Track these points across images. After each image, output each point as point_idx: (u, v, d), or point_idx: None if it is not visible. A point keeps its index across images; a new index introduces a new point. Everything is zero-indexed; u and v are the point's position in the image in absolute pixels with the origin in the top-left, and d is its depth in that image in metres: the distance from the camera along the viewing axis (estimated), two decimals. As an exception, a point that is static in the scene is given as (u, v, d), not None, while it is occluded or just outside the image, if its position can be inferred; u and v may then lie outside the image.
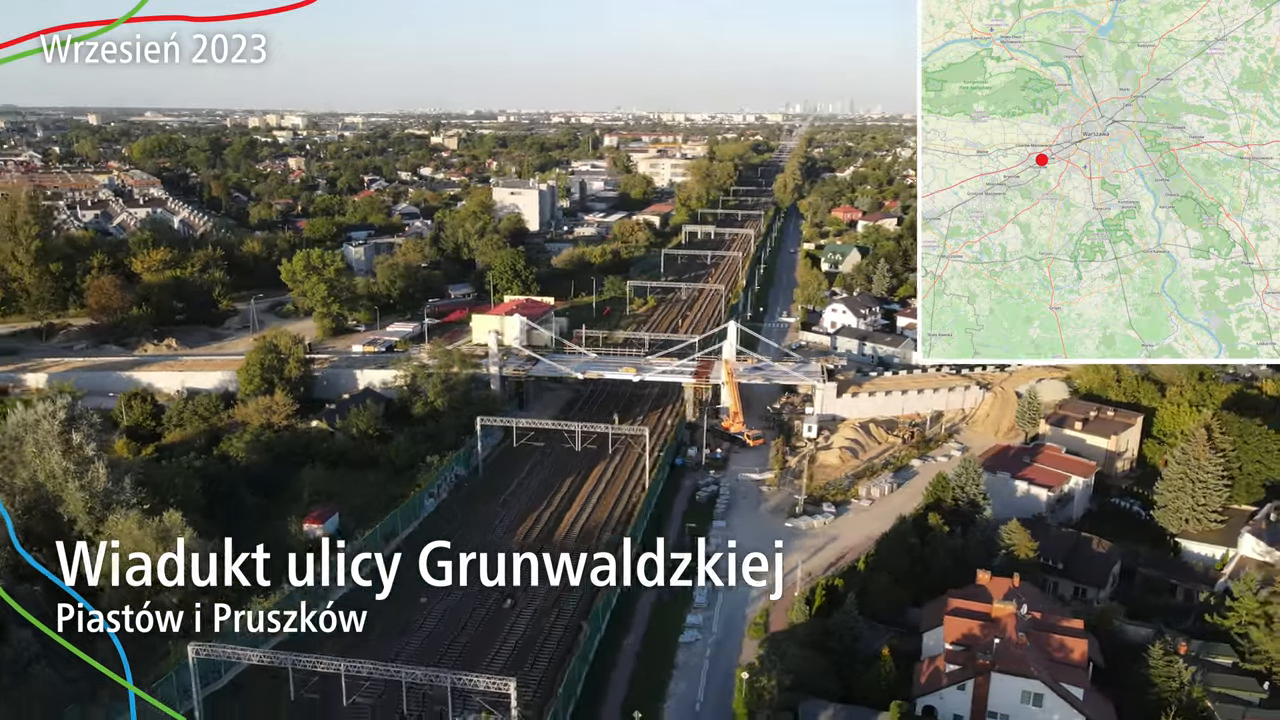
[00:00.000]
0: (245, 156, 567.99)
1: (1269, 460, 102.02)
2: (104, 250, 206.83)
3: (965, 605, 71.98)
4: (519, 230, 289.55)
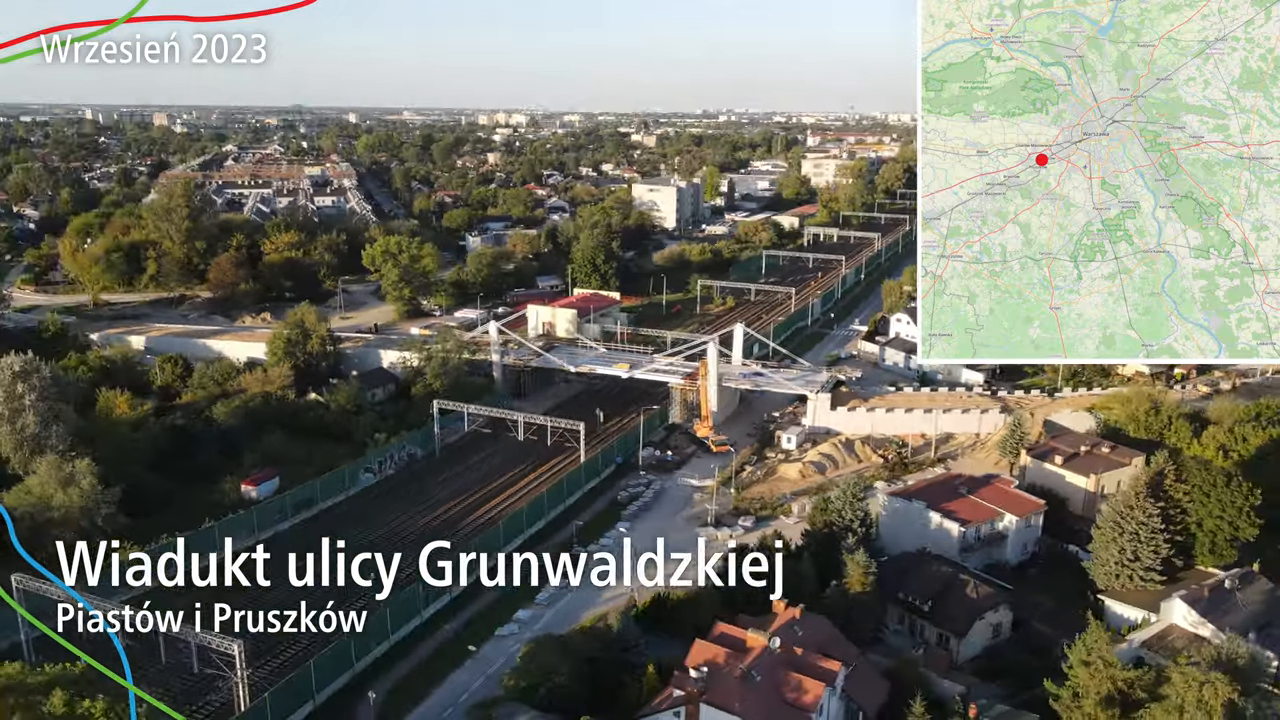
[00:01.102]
0: (450, 152, 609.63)
1: (1234, 517, 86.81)
2: (244, 233, 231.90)
3: (730, 631, 68.00)
4: (642, 227, 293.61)
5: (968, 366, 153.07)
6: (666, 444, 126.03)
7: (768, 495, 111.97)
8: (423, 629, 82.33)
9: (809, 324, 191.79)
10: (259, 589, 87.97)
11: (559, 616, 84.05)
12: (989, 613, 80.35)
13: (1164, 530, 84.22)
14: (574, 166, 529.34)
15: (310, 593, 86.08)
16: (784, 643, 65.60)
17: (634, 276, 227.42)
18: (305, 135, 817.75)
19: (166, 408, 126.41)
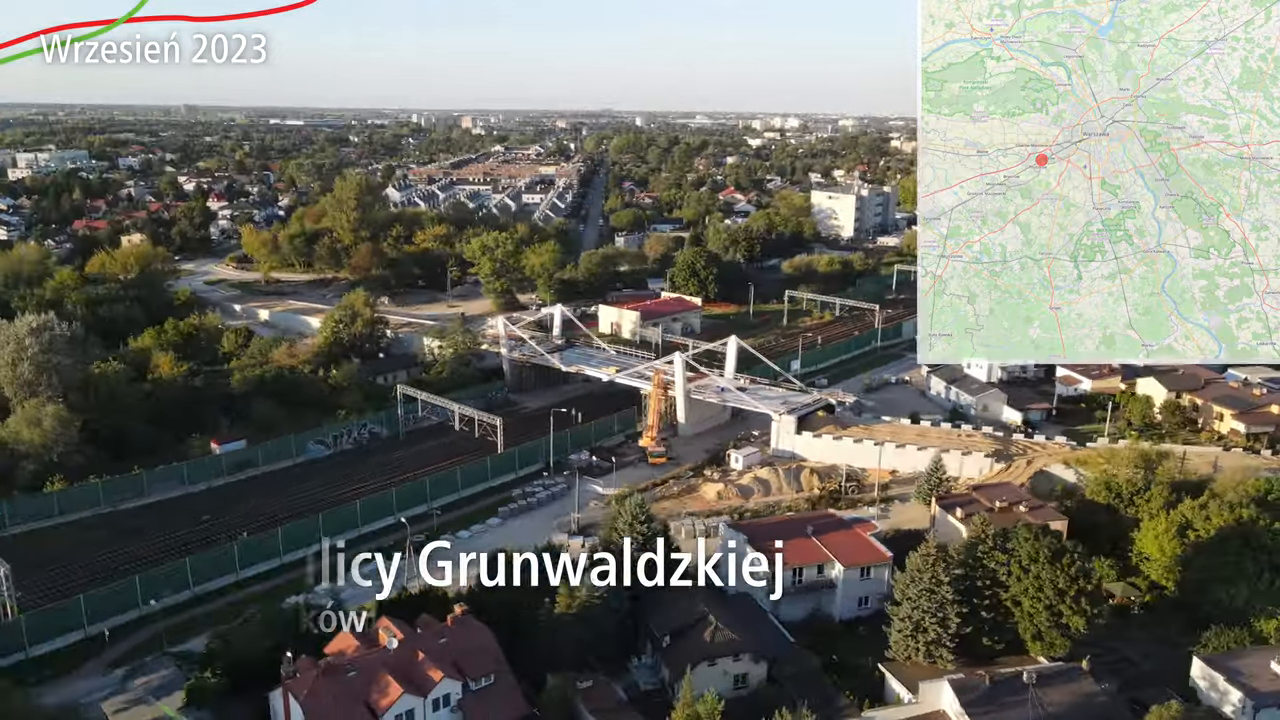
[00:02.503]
0: (693, 155, 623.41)
1: (1053, 599, 72.26)
2: (402, 224, 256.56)
3: (387, 625, 69.50)
4: (798, 234, 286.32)
5: (1009, 405, 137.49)
6: (612, 450, 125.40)
7: (670, 511, 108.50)
8: (233, 588, 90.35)
9: (877, 345, 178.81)
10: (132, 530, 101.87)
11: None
12: (726, 660, 74.08)
13: (959, 602, 72.81)
14: (802, 173, 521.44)
15: (164, 543, 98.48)
16: (407, 645, 65.95)
17: (759, 284, 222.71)
18: (576, 136, 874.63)
19: (201, 370, 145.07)
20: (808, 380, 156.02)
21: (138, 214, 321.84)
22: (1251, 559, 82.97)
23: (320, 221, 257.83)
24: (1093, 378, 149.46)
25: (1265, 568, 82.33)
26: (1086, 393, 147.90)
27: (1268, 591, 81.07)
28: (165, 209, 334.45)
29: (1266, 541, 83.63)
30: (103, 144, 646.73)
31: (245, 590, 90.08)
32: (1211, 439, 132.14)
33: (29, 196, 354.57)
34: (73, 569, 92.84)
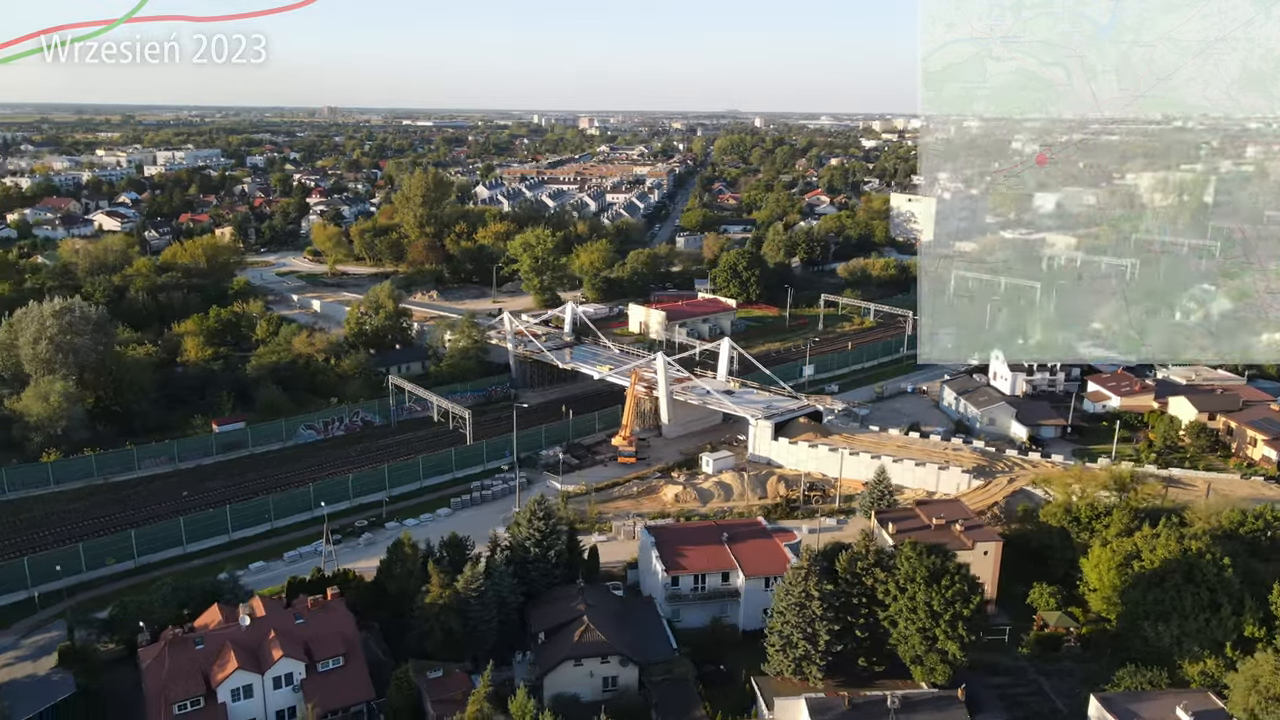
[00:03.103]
0: (797, 156, 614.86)
1: (926, 624, 67.89)
2: (466, 221, 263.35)
3: (254, 604, 72.28)
4: (867, 237, 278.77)
5: (1018, 420, 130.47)
6: (590, 447, 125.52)
7: (622, 511, 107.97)
8: (180, 559, 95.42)
9: (904, 352, 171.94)
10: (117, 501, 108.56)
11: (259, 583, 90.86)
12: (594, 661, 73.28)
13: (832, 619, 69.79)
14: (904, 175, 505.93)
15: (143, 514, 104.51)
16: (263, 623, 68.32)
17: (816, 287, 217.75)
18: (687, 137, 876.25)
19: (227, 355, 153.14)
20: (816, 387, 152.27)
21: (240, 208, 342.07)
22: (1192, 595, 76.10)
23: (393, 218, 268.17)
24: (1122, 394, 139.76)
25: (1205, 605, 75.38)
26: (1114, 410, 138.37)
27: (1201, 631, 74.20)
28: (267, 204, 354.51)
29: (1210, 577, 76.53)
30: (239, 143, 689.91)
31: (190, 563, 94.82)
32: (1240, 466, 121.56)
33: (153, 191, 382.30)
34: (50, 534, 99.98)
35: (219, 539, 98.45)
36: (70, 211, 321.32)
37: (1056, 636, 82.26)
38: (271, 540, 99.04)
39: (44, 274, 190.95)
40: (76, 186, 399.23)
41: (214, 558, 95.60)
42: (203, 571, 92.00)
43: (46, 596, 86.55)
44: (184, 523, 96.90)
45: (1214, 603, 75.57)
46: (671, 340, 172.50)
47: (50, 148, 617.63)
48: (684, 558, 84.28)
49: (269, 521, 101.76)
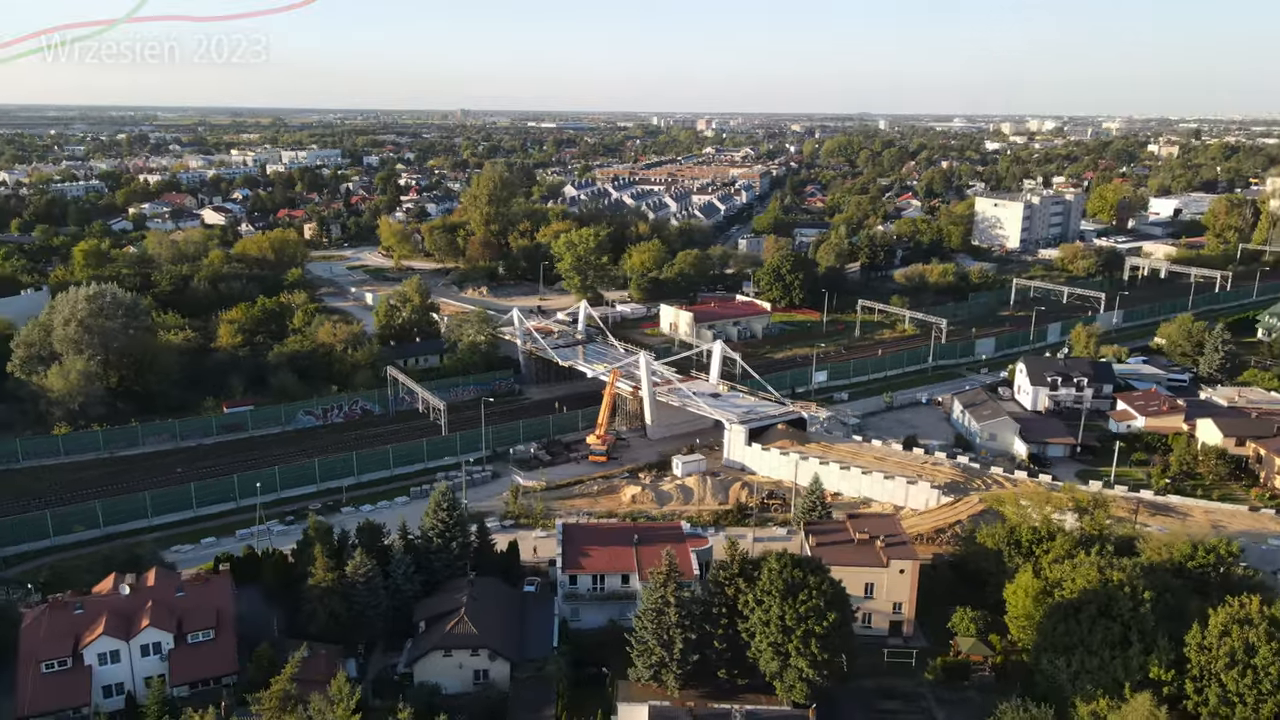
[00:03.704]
0: (906, 158, 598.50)
1: (779, 640, 64.77)
2: (530, 219, 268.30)
3: (151, 576, 76.24)
4: (938, 243, 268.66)
5: (1019, 436, 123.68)
6: (569, 444, 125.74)
7: (577, 509, 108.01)
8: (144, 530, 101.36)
9: (930, 362, 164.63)
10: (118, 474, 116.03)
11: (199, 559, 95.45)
12: (464, 653, 73.83)
13: (690, 627, 68.01)
14: (1014, 180, 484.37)
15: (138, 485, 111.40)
16: (142, 593, 72.07)
17: (875, 293, 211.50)
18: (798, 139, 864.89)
19: (254, 342, 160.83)
20: (825, 395, 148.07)
21: (334, 205, 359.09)
22: (1104, 630, 70.34)
23: (464, 215, 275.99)
24: (1149, 414, 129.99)
25: (1115, 641, 69.50)
26: (1138, 431, 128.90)
27: (1101, 668, 68.48)
28: (362, 201, 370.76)
29: (1125, 612, 70.47)
30: (364, 144, 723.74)
31: (151, 534, 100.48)
32: (1262, 497, 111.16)
33: (264, 189, 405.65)
34: (44, 499, 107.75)
35: (184, 514, 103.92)
36: (183, 206, 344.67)
37: (965, 664, 77.53)
38: (230, 519, 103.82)
39: (120, 263, 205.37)
40: (201, 183, 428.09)
41: (174, 530, 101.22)
42: (162, 542, 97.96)
43: (13, 557, 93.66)
44: (149, 497, 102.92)
45: (1125, 639, 69.67)
46: (611, 336, 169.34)
47: (194, 148, 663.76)
48: (586, 558, 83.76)
49: (233, 500, 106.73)
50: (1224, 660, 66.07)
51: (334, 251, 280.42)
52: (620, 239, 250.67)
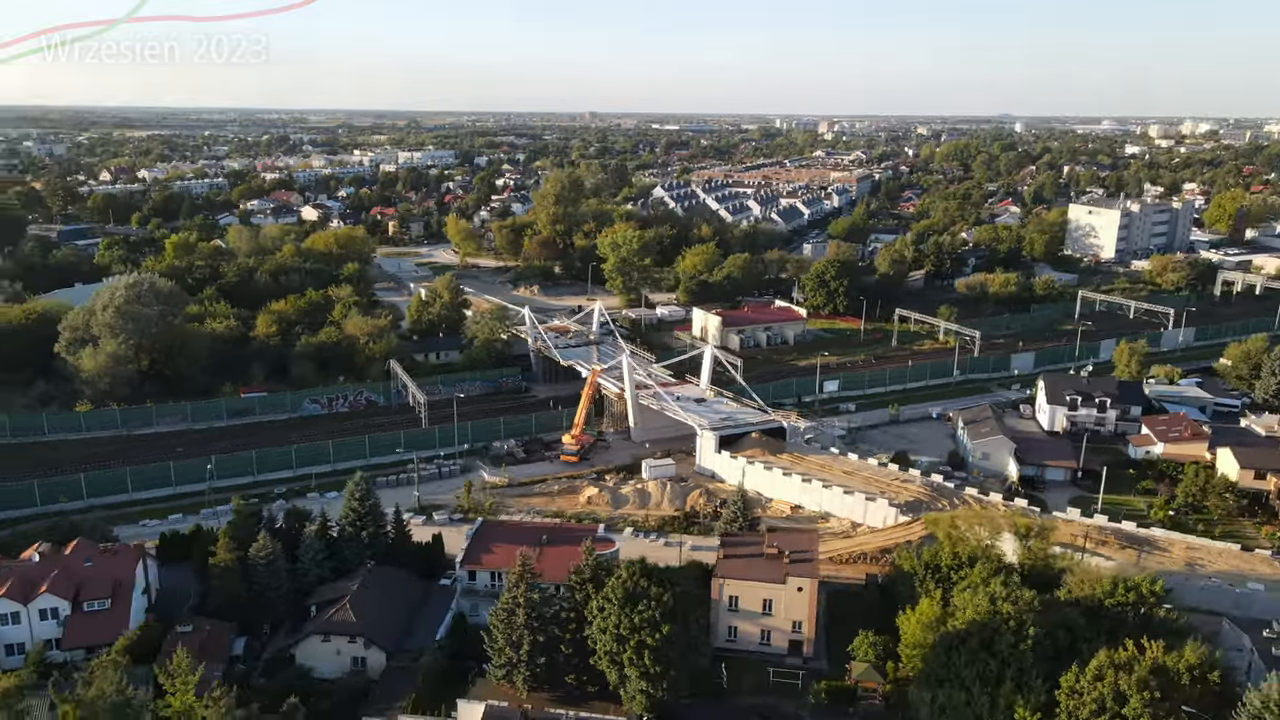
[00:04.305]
0: (1026, 162, 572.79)
1: (613, 649, 63.08)
2: (596, 220, 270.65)
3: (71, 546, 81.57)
4: (1016, 251, 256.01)
5: (1015, 457, 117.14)
6: (550, 443, 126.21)
7: (541, 506, 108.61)
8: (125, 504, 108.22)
9: (955, 375, 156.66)
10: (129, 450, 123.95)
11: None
12: (341, 640, 75.63)
13: (535, 629, 67.62)
14: (1136, 185, 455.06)
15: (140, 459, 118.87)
16: (52, 561, 77.20)
17: (920, 301, 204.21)
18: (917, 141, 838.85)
19: (291, 333, 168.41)
20: (830, 405, 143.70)
21: (427, 203, 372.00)
22: (981, 664, 65.86)
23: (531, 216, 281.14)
24: (1169, 441, 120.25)
25: (991, 677, 64.94)
26: (1155, 458, 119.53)
27: (968, 704, 64.09)
28: (454, 200, 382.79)
29: (1004, 648, 65.69)
30: (482, 145, 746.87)
31: (136, 508, 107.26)
32: (1273, 537, 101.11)
33: (368, 187, 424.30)
34: (61, 469, 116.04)
35: (162, 490, 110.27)
36: (287, 203, 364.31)
37: (853, 690, 73.95)
38: (202, 498, 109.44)
39: (194, 254, 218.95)
40: (314, 181, 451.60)
41: (150, 506, 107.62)
42: (133, 516, 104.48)
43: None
44: (129, 474, 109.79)
45: (1001, 676, 65.00)
46: (620, 338, 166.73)
47: (325, 149, 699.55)
48: (487, 554, 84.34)
49: (210, 480, 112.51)
50: (1091, 707, 60.74)
51: (410, 249, 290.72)
52: (681, 241, 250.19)
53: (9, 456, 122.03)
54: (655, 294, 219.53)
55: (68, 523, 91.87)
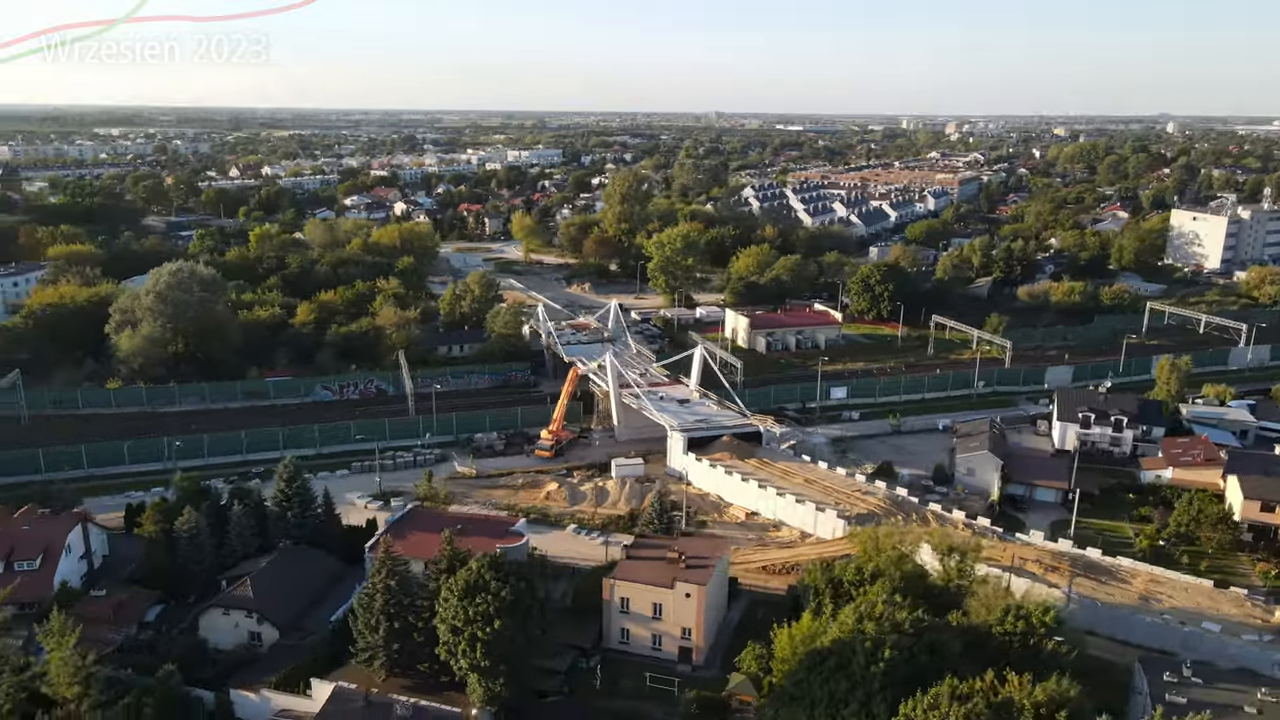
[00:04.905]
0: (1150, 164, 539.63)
1: (450, 641, 62.92)
2: (660, 219, 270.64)
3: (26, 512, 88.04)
4: (1099, 258, 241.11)
5: (1003, 474, 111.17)
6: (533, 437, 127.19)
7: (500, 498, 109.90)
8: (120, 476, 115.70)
9: (976, 386, 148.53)
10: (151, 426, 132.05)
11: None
12: (239, 614, 78.69)
13: (392, 615, 68.59)
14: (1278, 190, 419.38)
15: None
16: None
17: (976, 308, 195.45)
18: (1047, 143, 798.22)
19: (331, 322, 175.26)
20: (833, 412, 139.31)
21: (515, 201, 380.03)
22: (833, 686, 62.82)
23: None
24: (1179, 465, 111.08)
25: (840, 699, 61.87)
26: (1165, 482, 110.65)
27: (805, 729, 61.20)
28: (542, 197, 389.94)
29: (857, 670, 62.38)
30: (595, 144, 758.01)
31: (124, 479, 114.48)
32: (1269, 575, 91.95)
33: (464, 185, 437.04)
34: (88, 439, 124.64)
35: (155, 465, 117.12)
36: (383, 199, 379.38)
37: (723, 702, 71.77)
38: (193, 473, 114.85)
39: (263, 246, 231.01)
40: (419, 178, 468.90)
41: (142, 478, 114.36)
42: (126, 487, 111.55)
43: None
44: (128, 447, 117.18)
45: (848, 698, 61.86)
46: (631, 339, 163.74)
47: (445, 148, 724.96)
48: (400, 540, 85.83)
49: (203, 457, 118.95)
50: (920, 738, 56.94)
51: (483, 244, 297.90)
52: (745, 241, 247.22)
53: (47, 426, 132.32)
54: (703, 294, 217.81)
55: (44, 490, 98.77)
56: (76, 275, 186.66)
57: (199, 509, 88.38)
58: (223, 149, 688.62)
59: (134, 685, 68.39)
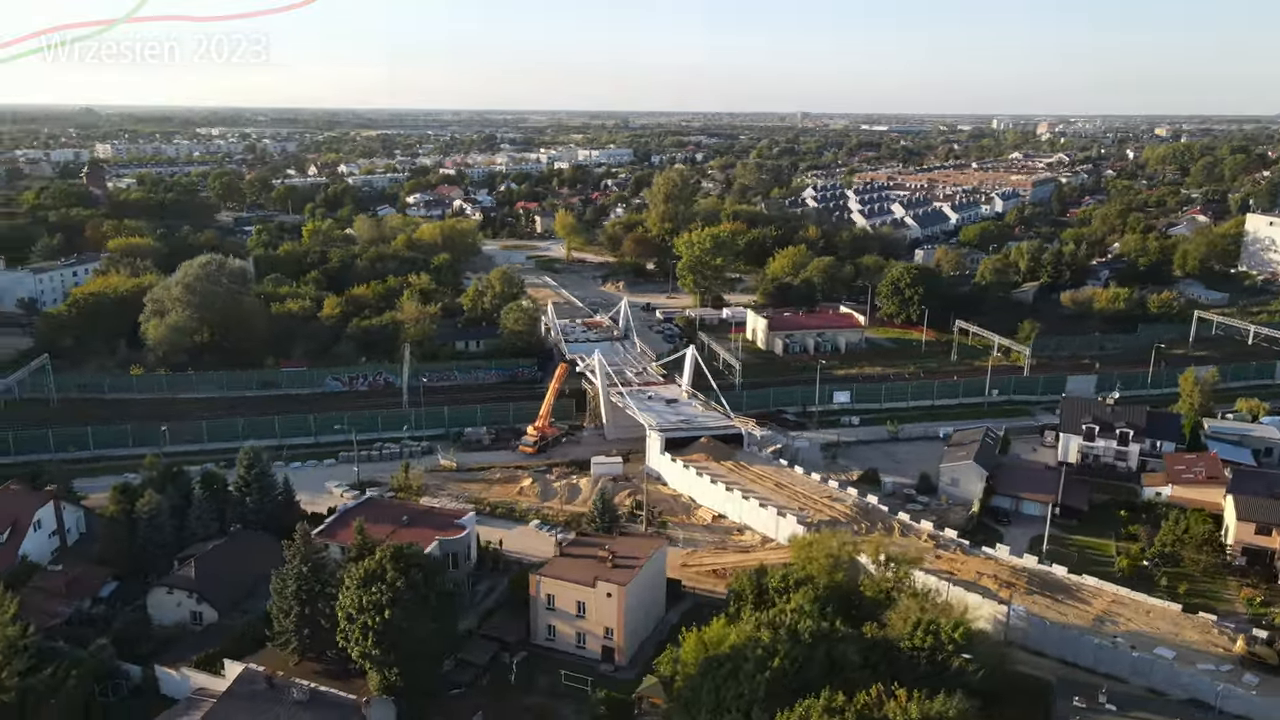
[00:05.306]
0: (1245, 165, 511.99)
1: (344, 621, 63.56)
2: (704, 220, 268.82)
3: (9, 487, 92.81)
4: (1159, 265, 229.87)
5: (988, 484, 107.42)
6: (520, 433, 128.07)
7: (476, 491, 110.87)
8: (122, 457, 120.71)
9: (987, 395, 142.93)
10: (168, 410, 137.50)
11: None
12: (182, 594, 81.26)
13: (303, 600, 69.95)
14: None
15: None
16: None
17: (1041, 315, 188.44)
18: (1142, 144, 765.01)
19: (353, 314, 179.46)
20: (833, 416, 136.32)
21: (572, 200, 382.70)
22: (717, 695, 61.58)
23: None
24: (1180, 483, 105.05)
25: (724, 706, 60.57)
26: (1161, 500, 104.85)
27: (680, 736, 60.06)
28: (600, 196, 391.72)
29: (744, 676, 60.91)
30: (670, 144, 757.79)
31: (131, 460, 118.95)
32: (1253, 602, 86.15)
33: (527, 184, 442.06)
34: (107, 422, 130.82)
35: (153, 448, 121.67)
36: (444, 197, 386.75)
37: (631, 704, 70.98)
38: (192, 458, 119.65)
39: (314, 240, 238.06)
40: (486, 177, 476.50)
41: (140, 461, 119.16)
42: (121, 469, 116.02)
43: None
44: (130, 430, 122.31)
45: (731, 706, 60.44)
46: (636, 339, 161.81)
47: (521, 147, 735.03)
48: (344, 530, 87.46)
49: (200, 443, 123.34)
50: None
51: (531, 242, 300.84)
52: (786, 242, 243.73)
53: (72, 409, 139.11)
54: (736, 295, 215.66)
55: (37, 468, 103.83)
56: (127, 266, 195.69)
57: (163, 491, 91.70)
58: (309, 148, 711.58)
59: (66, 657, 71.61)
